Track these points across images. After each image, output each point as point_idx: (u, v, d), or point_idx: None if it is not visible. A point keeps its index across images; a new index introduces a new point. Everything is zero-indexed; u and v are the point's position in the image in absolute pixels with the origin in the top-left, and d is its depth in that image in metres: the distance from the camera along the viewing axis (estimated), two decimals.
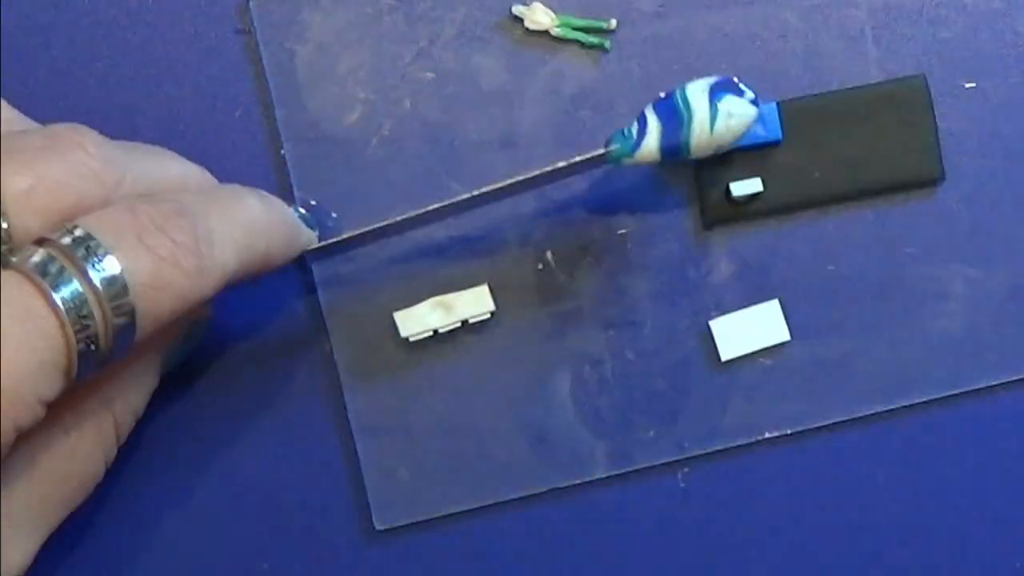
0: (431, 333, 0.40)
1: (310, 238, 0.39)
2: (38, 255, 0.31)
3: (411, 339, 0.40)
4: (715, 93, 0.37)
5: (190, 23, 0.41)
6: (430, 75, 0.41)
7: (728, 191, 0.40)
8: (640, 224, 0.41)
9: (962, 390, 0.41)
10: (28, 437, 0.31)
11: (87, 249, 0.31)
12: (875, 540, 0.41)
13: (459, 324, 0.40)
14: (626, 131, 0.37)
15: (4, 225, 0.31)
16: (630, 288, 0.41)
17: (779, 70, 0.41)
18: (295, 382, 0.41)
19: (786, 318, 0.41)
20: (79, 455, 0.35)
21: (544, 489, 0.41)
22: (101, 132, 0.40)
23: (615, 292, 0.41)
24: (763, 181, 0.40)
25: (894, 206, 0.41)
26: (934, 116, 0.40)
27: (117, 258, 0.31)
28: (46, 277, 0.30)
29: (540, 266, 0.41)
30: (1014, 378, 0.41)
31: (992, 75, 0.41)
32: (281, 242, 0.37)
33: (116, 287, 0.31)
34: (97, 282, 0.31)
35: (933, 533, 0.41)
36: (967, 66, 0.41)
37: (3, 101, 0.36)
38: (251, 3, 0.40)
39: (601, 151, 0.37)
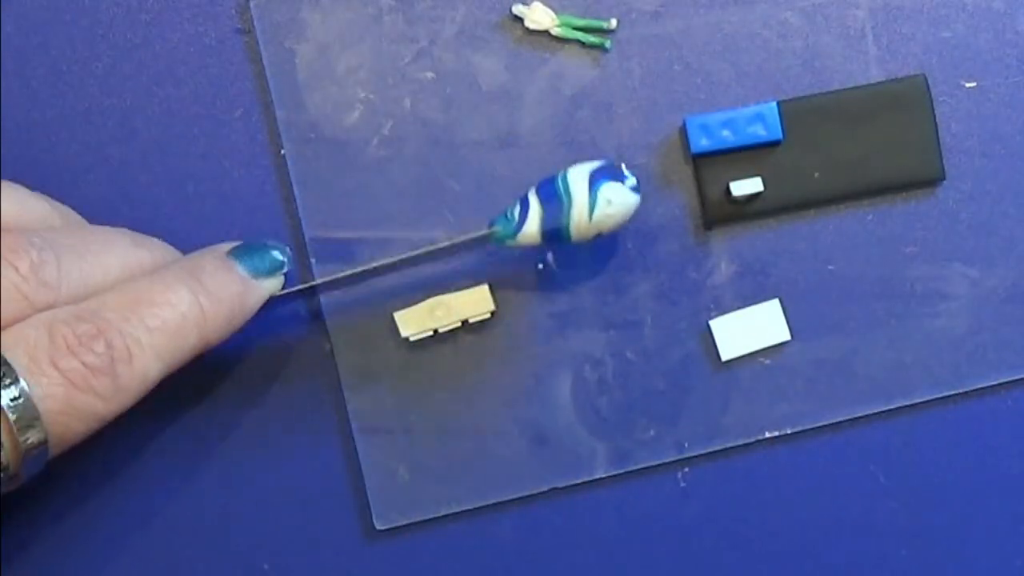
0: (431, 333, 0.40)
1: (272, 287, 0.38)
2: None
3: (411, 339, 0.40)
4: (596, 180, 0.37)
5: (190, 23, 0.41)
6: (430, 75, 0.41)
7: (728, 191, 0.40)
8: (640, 224, 0.40)
9: (962, 390, 0.41)
10: None
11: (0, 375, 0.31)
12: (875, 540, 0.41)
13: (459, 324, 0.40)
14: (508, 214, 0.38)
15: None
16: (630, 288, 0.41)
17: (779, 70, 0.41)
18: (295, 382, 0.41)
19: (786, 318, 0.41)
20: None
21: (544, 489, 0.41)
22: (101, 132, 0.40)
23: (615, 292, 0.41)
24: (763, 181, 0.40)
25: (894, 206, 0.41)
26: (934, 116, 0.40)
27: (29, 384, 0.31)
28: None
29: (540, 266, 0.41)
30: (1014, 378, 0.41)
31: (992, 75, 0.41)
32: (218, 325, 0.36)
33: (28, 414, 0.31)
34: (7, 409, 0.31)
35: (933, 533, 0.41)
36: (967, 66, 0.41)
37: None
38: (251, 3, 0.40)
39: (484, 232, 0.38)
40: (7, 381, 0.31)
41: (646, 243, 0.41)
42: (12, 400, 0.31)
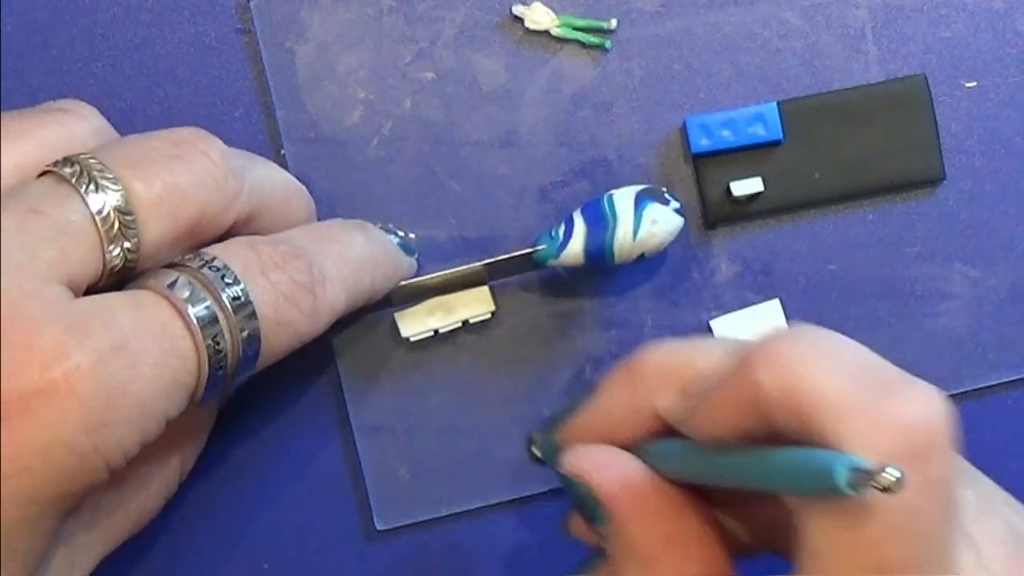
0: (432, 333, 0.40)
1: (411, 266, 0.39)
2: (173, 276, 0.31)
3: (412, 339, 0.40)
4: (641, 201, 0.38)
5: (190, 23, 0.41)
6: (430, 75, 0.41)
7: (729, 191, 0.40)
8: None
9: (962, 390, 0.41)
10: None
11: (219, 274, 0.32)
12: None
13: (460, 324, 0.40)
14: (553, 232, 0.38)
15: (132, 243, 0.32)
16: (631, 288, 0.41)
17: (779, 70, 0.41)
18: (296, 382, 0.41)
19: (787, 317, 0.41)
20: (144, 497, 0.36)
21: (545, 489, 0.41)
22: None
23: (616, 292, 0.41)
24: (764, 181, 0.40)
25: (895, 206, 0.41)
26: (934, 116, 0.40)
27: (246, 286, 0.32)
28: (182, 297, 0.31)
29: None
30: (1014, 378, 0.41)
31: (992, 75, 0.41)
32: (384, 275, 0.38)
33: (246, 312, 0.32)
34: (229, 305, 0.31)
35: None
36: (967, 66, 0.41)
37: (95, 111, 0.36)
38: (251, 3, 0.40)
39: (528, 250, 0.39)
40: (226, 280, 0.32)
41: None
42: (233, 299, 0.32)
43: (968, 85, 0.41)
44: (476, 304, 0.40)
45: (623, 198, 0.38)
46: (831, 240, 0.41)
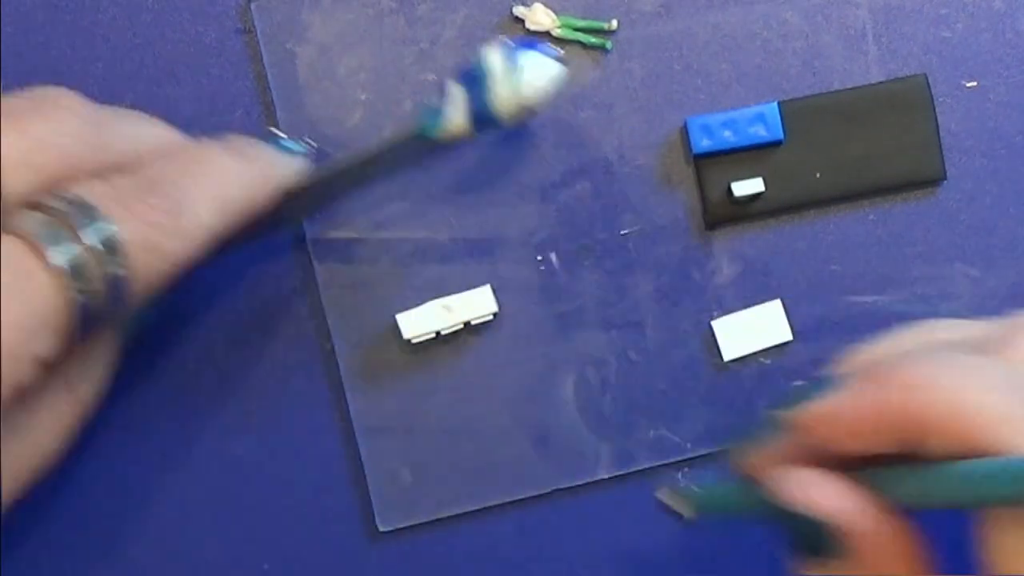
0: (434, 335, 0.40)
1: (296, 166, 0.38)
2: (32, 218, 0.31)
3: (413, 340, 0.40)
4: (512, 52, 0.36)
5: (190, 23, 0.40)
6: (431, 76, 0.40)
7: (730, 191, 0.40)
8: (642, 224, 0.41)
9: None
10: None
11: (80, 212, 0.31)
12: None
13: (462, 325, 0.40)
14: (431, 104, 0.37)
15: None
16: (632, 288, 0.41)
17: (779, 70, 0.41)
18: (297, 383, 0.41)
19: (788, 318, 0.41)
20: (38, 434, 0.35)
21: (547, 490, 0.41)
22: None
23: (617, 293, 0.41)
24: (764, 181, 0.40)
25: (895, 206, 0.41)
26: (935, 116, 0.40)
27: (108, 221, 0.32)
28: (42, 239, 0.31)
29: (542, 267, 0.41)
30: None
31: (993, 75, 0.41)
32: (260, 186, 0.37)
33: (110, 247, 0.32)
34: (91, 242, 0.31)
35: (930, 531, 0.41)
36: (968, 66, 0.41)
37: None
38: (252, 3, 0.40)
39: (411, 130, 0.37)
40: (88, 218, 0.32)
41: (648, 244, 0.41)
42: (95, 234, 0.32)
43: (968, 85, 0.41)
44: (478, 305, 0.40)
45: (493, 52, 0.37)
46: (832, 240, 0.41)
